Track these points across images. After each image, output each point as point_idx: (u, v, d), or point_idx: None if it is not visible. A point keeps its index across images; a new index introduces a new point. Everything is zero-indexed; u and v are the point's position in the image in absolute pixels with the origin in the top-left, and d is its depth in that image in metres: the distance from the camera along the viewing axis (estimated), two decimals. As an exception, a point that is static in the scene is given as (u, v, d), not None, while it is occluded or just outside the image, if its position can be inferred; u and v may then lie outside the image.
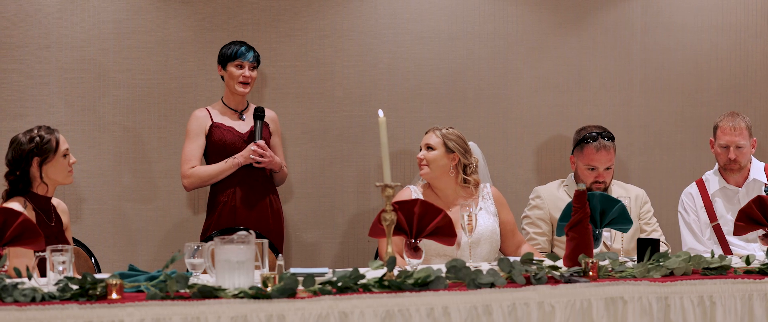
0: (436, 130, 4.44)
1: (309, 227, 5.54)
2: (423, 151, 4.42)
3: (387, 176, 3.42)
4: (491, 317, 3.20)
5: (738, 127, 4.85)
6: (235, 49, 4.81)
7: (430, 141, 4.42)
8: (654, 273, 3.46)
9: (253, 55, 4.84)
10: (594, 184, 4.73)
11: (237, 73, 4.81)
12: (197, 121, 4.83)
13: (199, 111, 4.87)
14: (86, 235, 5.00)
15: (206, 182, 4.82)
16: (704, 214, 4.96)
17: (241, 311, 3.00)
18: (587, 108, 5.79)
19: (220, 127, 4.81)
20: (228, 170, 4.77)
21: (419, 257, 3.58)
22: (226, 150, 4.80)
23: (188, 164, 4.78)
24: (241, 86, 4.81)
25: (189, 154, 4.78)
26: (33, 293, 2.97)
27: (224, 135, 4.80)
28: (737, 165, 4.88)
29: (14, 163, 4.06)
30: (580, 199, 3.61)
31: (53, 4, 5.21)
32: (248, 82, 4.83)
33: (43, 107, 5.20)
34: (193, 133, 4.81)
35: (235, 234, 3.20)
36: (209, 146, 4.82)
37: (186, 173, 4.78)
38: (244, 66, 4.81)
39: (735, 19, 5.96)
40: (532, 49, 5.74)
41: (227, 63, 4.83)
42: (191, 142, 4.80)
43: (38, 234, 3.37)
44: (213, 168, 4.78)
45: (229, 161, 4.77)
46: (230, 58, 4.82)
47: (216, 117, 4.84)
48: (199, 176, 4.78)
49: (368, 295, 3.14)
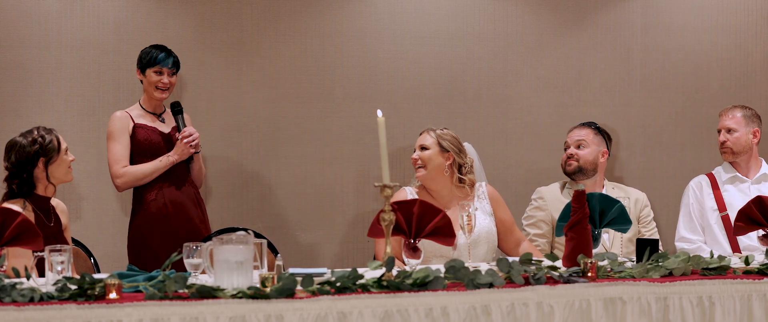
0: (430, 131, 4.44)
1: (308, 227, 5.54)
2: (417, 152, 4.41)
3: (386, 176, 3.42)
4: (490, 317, 3.19)
5: (731, 113, 4.99)
6: (155, 54, 4.77)
7: (424, 141, 4.41)
8: (653, 273, 3.46)
9: (173, 62, 4.81)
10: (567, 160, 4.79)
11: (155, 78, 4.77)
12: (120, 122, 4.75)
13: (119, 113, 4.79)
14: (85, 235, 4.99)
15: (140, 182, 4.75)
16: (711, 201, 4.95)
17: (239, 311, 3.00)
18: (587, 108, 5.79)
19: (144, 128, 4.76)
20: (162, 169, 4.74)
21: (418, 258, 3.58)
22: (152, 149, 4.75)
23: (119, 163, 4.71)
24: (158, 92, 4.79)
25: (117, 154, 4.72)
26: (31, 293, 2.97)
27: (150, 135, 4.75)
28: (728, 149, 4.96)
29: (19, 166, 4.05)
30: (579, 199, 3.61)
31: (53, 5, 5.21)
32: (167, 88, 4.80)
33: (43, 107, 5.20)
34: (118, 133, 4.74)
35: (234, 234, 3.20)
36: (134, 147, 4.76)
37: (119, 173, 4.71)
38: (163, 72, 4.77)
39: (735, 20, 5.95)
40: (532, 50, 5.74)
41: (146, 68, 4.79)
42: (117, 143, 4.73)
43: (37, 234, 3.37)
44: (147, 167, 4.73)
45: (163, 159, 4.73)
46: (150, 63, 4.78)
47: (137, 119, 4.78)
48: (134, 175, 4.72)
49: (367, 295, 3.13)
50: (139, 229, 4.76)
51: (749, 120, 4.95)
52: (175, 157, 4.74)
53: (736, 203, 4.76)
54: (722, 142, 4.98)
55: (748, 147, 4.96)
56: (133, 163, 4.75)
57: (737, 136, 4.94)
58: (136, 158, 4.76)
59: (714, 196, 4.96)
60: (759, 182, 4.98)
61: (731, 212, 4.86)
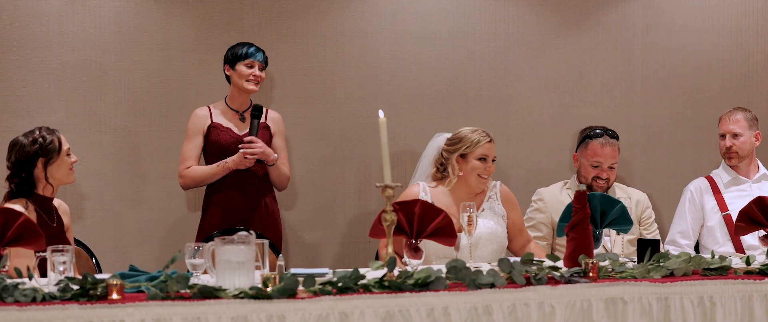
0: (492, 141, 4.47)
1: (309, 227, 5.54)
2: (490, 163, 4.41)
3: (387, 176, 3.42)
4: (491, 317, 3.20)
5: (734, 117, 4.94)
6: (247, 49, 4.82)
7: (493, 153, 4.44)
8: (654, 274, 3.46)
9: (263, 57, 4.86)
10: (595, 180, 4.72)
11: (247, 71, 4.81)
12: (197, 120, 4.83)
13: (201, 110, 4.87)
14: (87, 235, 5.00)
15: (199, 183, 4.83)
16: (712, 203, 4.95)
17: (241, 312, 3.00)
18: (588, 108, 5.79)
19: (217, 128, 4.81)
20: (219, 173, 4.77)
21: (419, 258, 3.59)
22: (222, 151, 4.79)
23: (184, 163, 4.79)
24: (251, 84, 4.81)
25: (186, 153, 4.80)
26: (34, 293, 2.97)
27: (220, 136, 4.79)
28: (735, 154, 4.92)
29: (18, 165, 4.06)
30: (580, 199, 3.61)
31: (54, 5, 5.21)
32: (258, 81, 4.83)
33: (44, 107, 5.21)
34: (192, 132, 4.82)
35: (236, 234, 3.20)
36: (206, 147, 4.83)
37: (181, 173, 4.80)
38: (254, 65, 4.81)
39: (736, 20, 5.96)
40: (533, 50, 5.75)
41: (237, 62, 4.82)
42: (189, 142, 4.81)
43: (39, 234, 3.38)
44: (205, 170, 4.78)
45: (220, 164, 4.76)
46: (241, 57, 4.81)
47: (216, 117, 4.84)
48: (192, 177, 4.79)
49: (368, 295, 3.14)
50: (203, 229, 4.84)
51: (751, 123, 4.95)
52: (232, 164, 4.75)
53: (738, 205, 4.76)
54: (728, 148, 4.94)
55: (751, 150, 4.96)
56: (207, 161, 4.83)
57: (743, 141, 4.93)
58: (208, 158, 4.84)
59: (715, 198, 4.96)
60: (759, 181, 4.98)
61: (733, 214, 4.86)
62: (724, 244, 4.89)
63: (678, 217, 5.03)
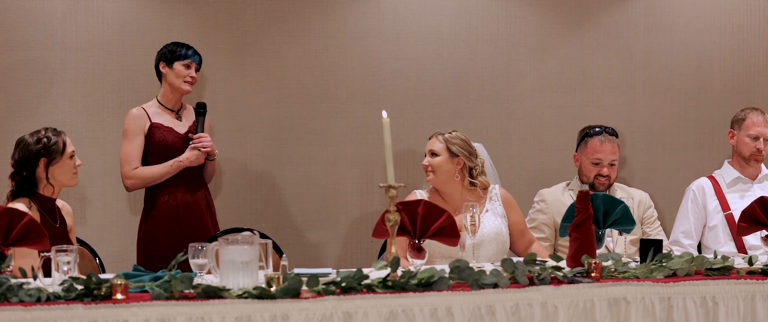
0: (439, 136, 4.36)
1: (312, 227, 5.55)
2: (427, 158, 4.34)
3: (390, 176, 3.43)
4: (494, 317, 3.20)
5: (763, 118, 4.91)
6: (185, 50, 4.77)
7: (433, 147, 4.34)
8: (657, 274, 3.47)
9: (199, 59, 4.82)
10: (597, 177, 4.72)
11: (185, 71, 4.77)
12: (136, 121, 4.75)
13: (136, 110, 4.78)
14: (91, 235, 5.00)
15: (148, 183, 4.75)
16: (715, 203, 4.94)
17: (245, 312, 3.01)
18: (590, 109, 5.80)
19: (159, 128, 4.75)
20: (171, 172, 4.73)
21: (423, 258, 3.59)
22: (167, 151, 4.74)
23: (130, 164, 4.70)
24: (186, 85, 4.78)
25: (130, 154, 4.71)
26: (38, 293, 2.98)
27: (165, 136, 4.74)
28: (761, 157, 4.93)
29: (21, 163, 4.07)
30: (583, 199, 3.62)
31: (58, 5, 5.22)
32: (193, 82, 4.81)
33: (47, 108, 5.22)
34: (133, 133, 4.73)
35: (240, 234, 3.21)
36: (148, 147, 4.75)
37: (129, 174, 4.71)
38: (191, 67, 4.79)
39: (738, 20, 5.96)
40: (535, 50, 5.75)
41: (175, 61, 4.77)
42: (130, 143, 4.73)
43: (43, 234, 3.38)
44: (156, 170, 4.72)
45: (173, 162, 4.72)
46: (180, 57, 4.75)
47: (154, 117, 4.77)
48: (143, 178, 4.72)
49: (372, 295, 3.14)
50: (150, 230, 4.77)
51: None
52: (186, 162, 4.73)
53: (740, 204, 4.76)
54: (759, 150, 4.91)
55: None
56: (145, 162, 4.75)
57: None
58: (150, 159, 4.75)
59: (718, 198, 4.96)
60: (761, 182, 4.98)
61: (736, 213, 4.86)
62: (726, 244, 4.89)
63: (681, 217, 5.03)
